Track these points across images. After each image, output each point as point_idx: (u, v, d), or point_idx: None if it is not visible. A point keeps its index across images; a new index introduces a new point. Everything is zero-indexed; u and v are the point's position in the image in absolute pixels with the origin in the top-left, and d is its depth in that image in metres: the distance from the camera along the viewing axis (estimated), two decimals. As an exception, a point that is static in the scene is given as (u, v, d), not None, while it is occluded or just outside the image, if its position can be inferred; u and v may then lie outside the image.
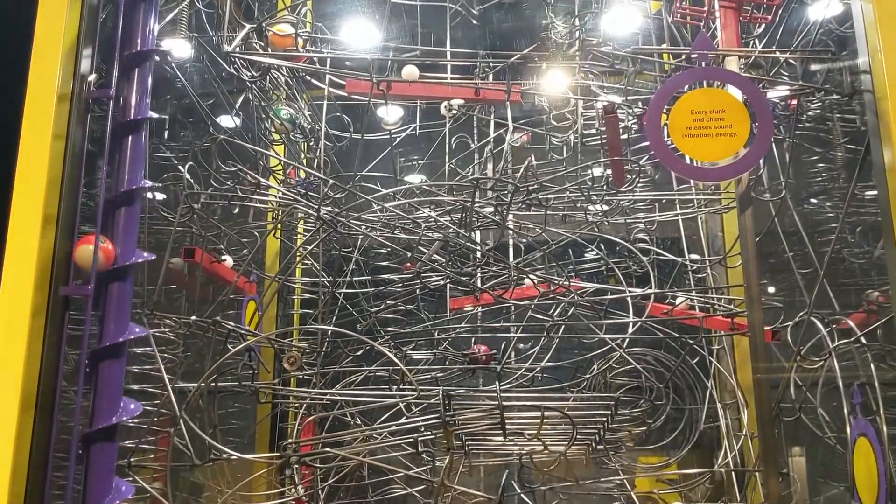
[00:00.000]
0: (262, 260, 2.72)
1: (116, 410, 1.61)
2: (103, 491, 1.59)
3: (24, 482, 1.54)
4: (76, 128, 1.69)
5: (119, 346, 1.62)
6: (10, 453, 1.53)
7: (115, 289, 1.65)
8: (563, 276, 2.27)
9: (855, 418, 1.85)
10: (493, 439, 2.17)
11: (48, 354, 1.60)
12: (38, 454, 1.58)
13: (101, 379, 1.61)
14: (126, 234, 1.68)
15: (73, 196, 1.69)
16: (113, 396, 1.62)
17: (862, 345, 1.84)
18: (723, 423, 2.39)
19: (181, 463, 1.76)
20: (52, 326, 1.67)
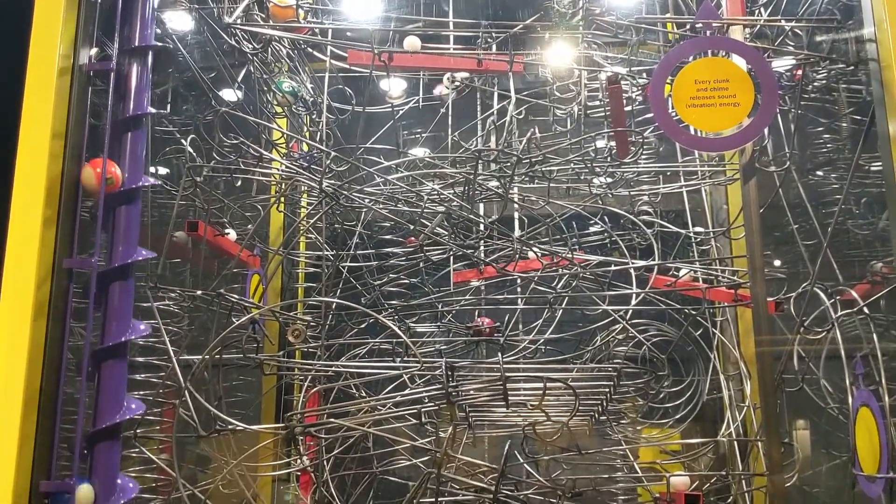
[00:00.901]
0: (265, 234, 2.72)
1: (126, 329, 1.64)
2: (115, 406, 1.61)
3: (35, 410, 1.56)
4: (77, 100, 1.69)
5: (127, 268, 1.66)
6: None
7: (122, 212, 1.68)
8: (567, 249, 2.27)
9: (857, 389, 1.86)
10: (496, 411, 2.18)
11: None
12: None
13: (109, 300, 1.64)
14: (133, 158, 1.69)
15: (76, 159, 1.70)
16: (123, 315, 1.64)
17: (865, 315, 1.84)
18: (725, 394, 2.40)
19: (187, 434, 1.77)
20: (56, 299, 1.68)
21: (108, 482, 1.61)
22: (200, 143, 2.16)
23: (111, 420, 1.61)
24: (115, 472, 1.63)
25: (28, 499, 1.58)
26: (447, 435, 1.73)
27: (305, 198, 2.63)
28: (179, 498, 1.80)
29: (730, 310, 2.56)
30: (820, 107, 2.63)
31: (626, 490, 2.53)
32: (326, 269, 2.50)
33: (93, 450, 1.61)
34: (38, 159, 1.62)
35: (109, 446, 1.62)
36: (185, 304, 2.15)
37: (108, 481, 1.61)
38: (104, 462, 1.61)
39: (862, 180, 2.54)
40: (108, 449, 1.61)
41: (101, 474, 1.61)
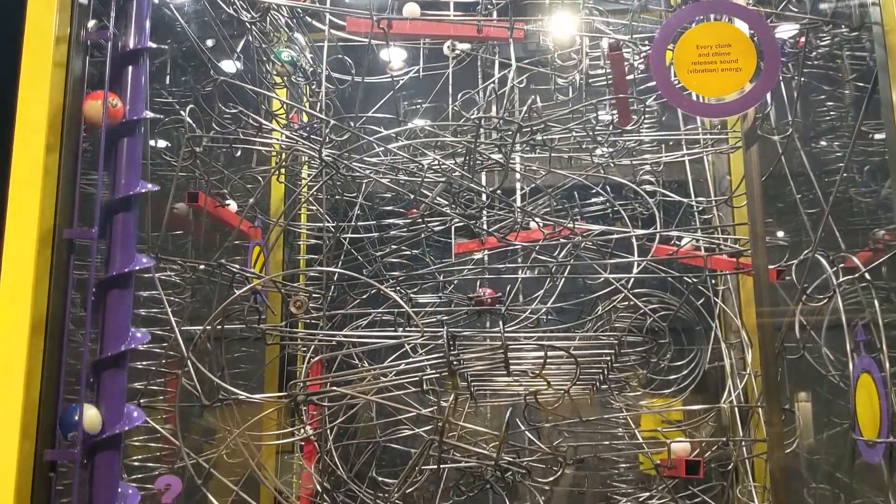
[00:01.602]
0: (266, 206, 2.72)
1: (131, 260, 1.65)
2: (122, 335, 1.64)
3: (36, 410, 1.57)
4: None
5: (129, 199, 1.67)
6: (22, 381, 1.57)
7: (124, 144, 1.68)
8: (569, 219, 2.26)
9: (858, 356, 1.86)
10: (497, 380, 2.19)
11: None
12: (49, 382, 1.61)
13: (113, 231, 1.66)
14: (135, 92, 1.70)
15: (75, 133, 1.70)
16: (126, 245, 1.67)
17: (867, 282, 1.84)
18: (727, 363, 2.40)
19: (190, 403, 1.78)
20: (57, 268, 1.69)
21: (114, 407, 1.63)
22: (199, 113, 2.15)
23: (117, 349, 1.63)
24: (121, 398, 1.65)
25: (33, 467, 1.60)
26: (449, 403, 1.74)
27: (306, 169, 2.62)
28: (184, 467, 1.82)
29: (731, 279, 2.56)
30: (823, 74, 2.61)
31: (627, 458, 2.55)
32: (327, 241, 2.49)
33: (99, 377, 1.64)
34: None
35: (115, 373, 1.64)
36: (186, 276, 2.16)
37: (115, 406, 1.63)
38: (110, 388, 1.63)
39: (865, 148, 2.53)
40: (114, 375, 1.64)
41: (108, 399, 1.63)
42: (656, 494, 2.34)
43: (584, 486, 2.50)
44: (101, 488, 1.62)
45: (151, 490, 1.91)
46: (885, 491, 1.93)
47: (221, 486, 1.95)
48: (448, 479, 2.24)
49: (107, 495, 1.61)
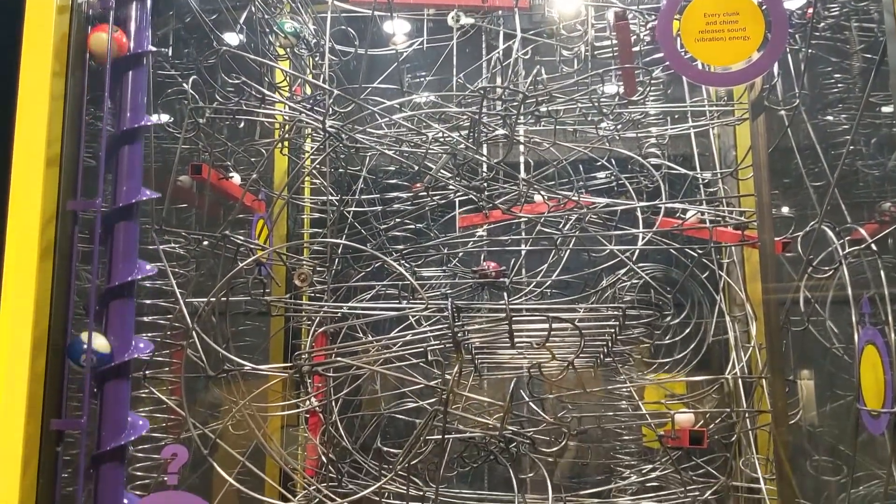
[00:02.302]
0: (270, 179, 2.71)
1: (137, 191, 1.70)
2: (129, 266, 1.69)
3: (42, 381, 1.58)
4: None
5: (135, 132, 1.73)
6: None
7: (129, 77, 1.73)
8: (574, 192, 2.25)
9: (863, 327, 1.86)
10: (501, 353, 2.20)
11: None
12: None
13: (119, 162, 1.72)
14: (139, 28, 1.75)
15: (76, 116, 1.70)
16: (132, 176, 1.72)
17: (873, 252, 1.83)
18: (731, 335, 2.40)
19: (195, 374, 1.79)
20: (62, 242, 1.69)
21: (122, 336, 1.67)
22: (202, 85, 2.14)
23: (124, 279, 1.67)
24: (129, 329, 1.69)
25: (39, 436, 1.61)
26: (453, 374, 1.74)
27: (309, 142, 2.61)
28: (190, 438, 1.83)
29: (736, 252, 2.55)
30: (831, 46, 2.59)
31: (630, 430, 2.56)
32: (331, 215, 2.49)
33: (107, 308, 1.67)
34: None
35: (123, 303, 1.68)
36: (190, 248, 2.16)
37: (123, 335, 1.67)
38: (118, 317, 1.67)
39: (872, 120, 2.51)
40: (121, 306, 1.68)
41: (116, 328, 1.67)
42: (659, 466, 2.35)
43: (587, 457, 2.51)
44: (111, 415, 1.65)
45: (158, 460, 1.92)
46: (886, 464, 1.94)
47: (227, 460, 1.96)
48: (452, 450, 2.25)
49: (116, 421, 1.65)
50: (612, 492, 2.22)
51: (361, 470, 2.29)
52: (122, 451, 1.68)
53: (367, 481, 2.11)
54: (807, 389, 2.51)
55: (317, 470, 2.38)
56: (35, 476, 1.59)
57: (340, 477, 2.16)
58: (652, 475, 2.24)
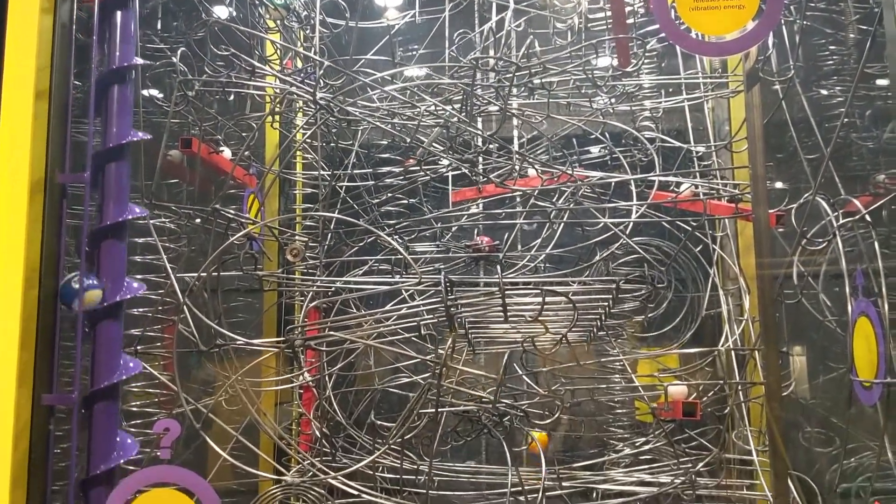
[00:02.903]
0: (261, 154, 2.69)
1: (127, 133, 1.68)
2: (120, 207, 1.68)
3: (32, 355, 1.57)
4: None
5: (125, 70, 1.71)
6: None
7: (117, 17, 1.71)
8: (567, 165, 2.24)
9: (856, 299, 1.86)
10: (494, 328, 2.19)
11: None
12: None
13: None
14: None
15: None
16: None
17: (867, 223, 1.83)
18: (724, 308, 2.40)
19: (187, 349, 1.78)
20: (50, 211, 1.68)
21: (114, 277, 1.66)
22: (192, 58, 2.11)
23: (115, 218, 1.67)
24: (121, 270, 1.68)
25: (31, 410, 1.60)
26: (447, 347, 1.74)
27: (301, 116, 2.59)
28: (183, 413, 1.82)
29: (730, 226, 2.55)
30: (826, 17, 2.57)
31: (623, 404, 2.57)
32: (323, 190, 2.47)
33: (98, 248, 1.67)
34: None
35: (114, 244, 1.67)
36: (181, 223, 2.14)
37: (115, 276, 1.66)
38: (110, 261, 1.67)
39: (867, 93, 2.50)
40: (112, 246, 1.67)
41: (108, 270, 1.67)
42: (652, 439, 2.36)
43: (580, 431, 2.52)
44: (104, 355, 1.65)
45: (151, 436, 1.92)
46: (878, 435, 1.94)
47: (221, 437, 1.96)
48: (446, 425, 2.26)
49: (109, 361, 1.65)
50: (605, 464, 2.23)
51: (355, 445, 2.29)
52: (115, 390, 1.67)
53: (362, 455, 2.11)
54: (799, 364, 2.52)
55: (311, 445, 2.38)
56: (27, 451, 1.59)
57: (334, 451, 2.16)
58: (645, 448, 2.25)
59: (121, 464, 1.61)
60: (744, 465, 2.26)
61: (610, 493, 2.02)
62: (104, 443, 1.64)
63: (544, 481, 1.88)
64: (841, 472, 2.17)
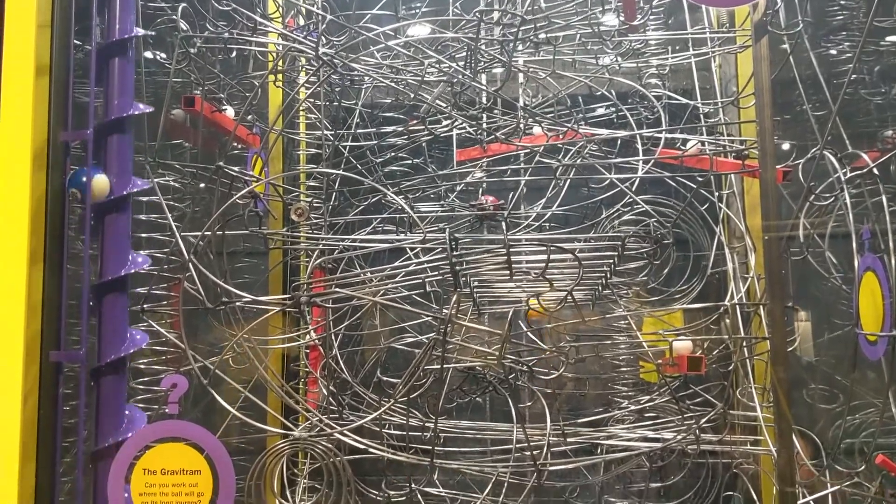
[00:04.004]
0: (265, 114, 2.67)
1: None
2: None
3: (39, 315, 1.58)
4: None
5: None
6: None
7: None
8: (573, 122, 2.22)
9: (863, 255, 1.86)
10: (499, 287, 2.20)
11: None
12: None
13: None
14: None
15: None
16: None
17: (875, 177, 1.81)
18: (730, 266, 2.40)
19: (193, 306, 1.78)
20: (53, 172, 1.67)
21: (121, 172, 1.70)
22: (193, 16, 2.09)
23: (120, 113, 1.70)
24: (127, 164, 1.73)
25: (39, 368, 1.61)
26: (452, 302, 1.74)
27: (304, 75, 2.56)
28: (190, 370, 1.83)
29: (736, 184, 2.53)
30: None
31: (628, 362, 2.58)
32: (327, 150, 2.46)
33: (105, 141, 1.71)
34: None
35: (121, 139, 1.73)
36: (185, 182, 2.13)
37: (122, 171, 1.70)
38: (116, 153, 1.72)
39: (876, 48, 2.47)
40: (120, 141, 1.72)
41: (114, 164, 1.71)
42: (657, 398, 2.37)
43: (585, 389, 2.53)
44: (112, 252, 1.68)
45: (158, 393, 1.94)
46: (882, 392, 1.95)
47: (228, 396, 1.97)
48: (451, 383, 2.27)
49: (117, 258, 1.68)
50: (610, 421, 2.24)
51: (362, 402, 2.31)
52: (123, 364, 1.69)
53: (369, 412, 2.13)
54: (803, 325, 2.52)
55: (318, 403, 2.39)
56: (36, 405, 1.60)
57: (341, 409, 2.17)
58: (649, 405, 2.26)
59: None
60: (748, 422, 2.28)
61: (615, 449, 2.03)
62: (112, 416, 1.67)
63: (549, 436, 1.90)
64: (844, 429, 2.19)
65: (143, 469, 1.59)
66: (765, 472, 2.32)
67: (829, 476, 1.95)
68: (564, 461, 1.87)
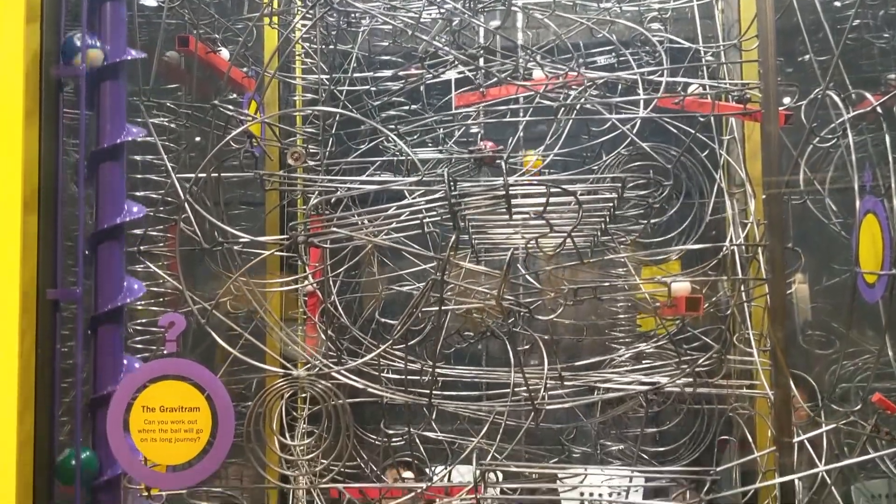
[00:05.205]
0: (261, 58, 2.63)
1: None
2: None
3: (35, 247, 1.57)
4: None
5: None
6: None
7: None
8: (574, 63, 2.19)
9: (863, 197, 1.85)
10: (497, 232, 2.19)
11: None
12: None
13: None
14: None
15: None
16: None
17: (877, 120, 1.80)
18: (729, 212, 2.40)
19: (190, 247, 1.77)
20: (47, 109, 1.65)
21: (114, 199, 1.71)
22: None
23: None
24: (121, 110, 1.73)
25: (35, 305, 1.61)
26: (450, 242, 1.73)
27: (299, 16, 2.52)
28: (189, 312, 1.83)
29: (737, 130, 2.52)
30: None
31: (626, 309, 2.59)
32: (322, 94, 2.43)
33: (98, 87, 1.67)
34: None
35: (115, 84, 1.71)
36: (180, 123, 2.11)
37: (115, 117, 1.71)
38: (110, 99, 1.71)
39: (881, -7, 2.43)
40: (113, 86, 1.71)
41: (108, 111, 1.71)
42: (654, 342, 2.38)
43: (582, 335, 2.54)
44: (107, 201, 1.66)
45: (157, 334, 1.94)
46: (878, 338, 1.96)
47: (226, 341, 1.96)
48: (449, 328, 2.28)
49: (112, 207, 1.68)
50: (606, 365, 2.25)
51: (361, 348, 2.31)
52: (119, 313, 1.69)
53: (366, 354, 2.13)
54: (800, 289, 2.53)
55: (316, 348, 2.40)
56: (33, 344, 1.60)
57: (340, 353, 2.18)
58: (647, 349, 2.27)
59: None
60: (744, 366, 2.29)
61: (612, 390, 2.04)
62: (110, 365, 1.67)
63: (546, 379, 1.90)
64: (839, 375, 2.21)
65: (142, 406, 1.59)
66: (760, 415, 2.34)
67: (823, 417, 1.97)
68: (561, 401, 1.88)
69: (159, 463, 1.60)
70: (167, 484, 1.67)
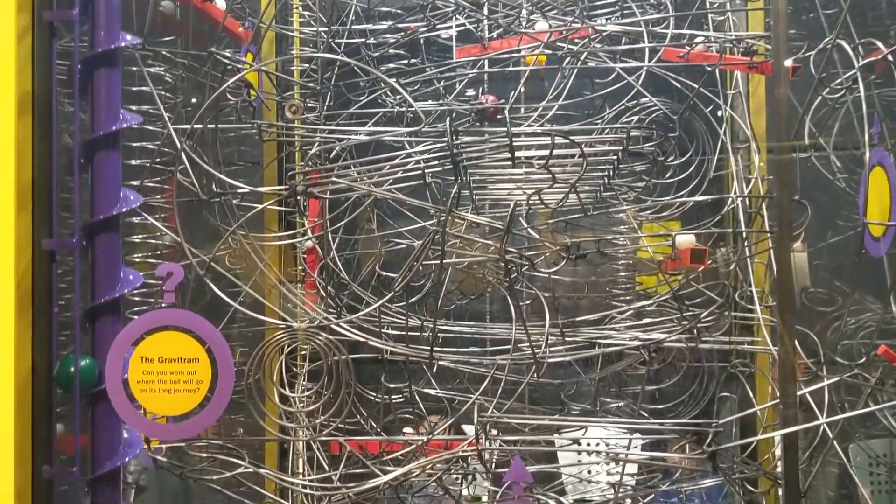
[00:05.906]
0: (258, 9, 2.58)
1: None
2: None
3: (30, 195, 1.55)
4: None
5: None
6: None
7: None
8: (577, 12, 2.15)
9: (873, 148, 1.83)
10: (499, 188, 2.16)
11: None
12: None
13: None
14: None
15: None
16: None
17: (888, 65, 1.77)
18: (733, 167, 2.37)
19: (187, 198, 1.75)
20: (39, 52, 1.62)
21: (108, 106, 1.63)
22: None
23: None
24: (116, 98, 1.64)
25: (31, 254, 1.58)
26: (452, 193, 1.71)
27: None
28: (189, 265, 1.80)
29: (742, 84, 2.48)
30: None
31: (628, 266, 2.57)
32: (321, 46, 2.39)
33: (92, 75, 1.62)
34: None
35: (108, 155, 1.63)
36: (176, 73, 2.07)
37: (109, 105, 1.63)
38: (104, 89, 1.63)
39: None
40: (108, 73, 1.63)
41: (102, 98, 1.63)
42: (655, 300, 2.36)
43: (583, 291, 2.53)
44: (103, 186, 1.62)
45: (155, 287, 1.91)
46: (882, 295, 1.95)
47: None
48: (450, 284, 2.26)
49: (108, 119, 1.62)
50: (608, 321, 2.24)
51: (361, 303, 2.30)
52: (116, 222, 1.65)
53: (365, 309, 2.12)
54: (799, 257, 2.51)
55: (315, 305, 2.38)
56: (29, 293, 1.58)
57: (339, 308, 2.16)
58: (649, 305, 2.26)
59: (126, 293, 1.60)
60: (746, 321, 2.28)
61: (612, 344, 2.04)
62: (107, 274, 1.63)
63: (548, 334, 1.89)
64: (844, 324, 2.21)
65: (141, 357, 1.58)
66: (761, 371, 2.34)
67: (825, 372, 1.96)
68: (562, 354, 1.87)
69: (159, 414, 1.59)
70: (167, 434, 1.66)
